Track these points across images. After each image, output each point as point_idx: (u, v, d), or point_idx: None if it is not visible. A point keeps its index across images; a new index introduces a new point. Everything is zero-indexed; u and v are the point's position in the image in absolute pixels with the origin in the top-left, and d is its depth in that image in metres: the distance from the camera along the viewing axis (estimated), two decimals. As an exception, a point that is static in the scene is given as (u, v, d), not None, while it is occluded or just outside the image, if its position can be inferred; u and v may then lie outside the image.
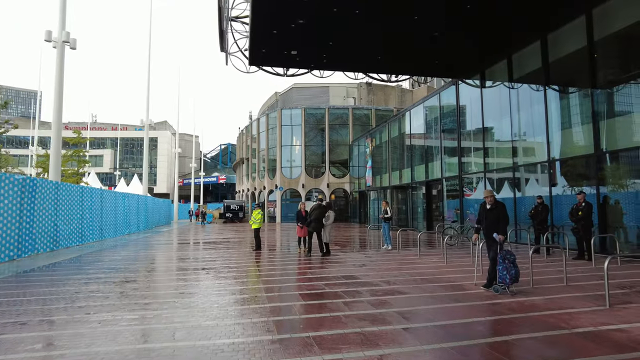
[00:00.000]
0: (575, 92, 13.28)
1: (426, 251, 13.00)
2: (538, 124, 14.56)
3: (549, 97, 13.81)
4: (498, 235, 6.74)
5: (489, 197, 7.08)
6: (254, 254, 12.67)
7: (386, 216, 14.17)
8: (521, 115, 15.46)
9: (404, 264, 10.23)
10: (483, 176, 17.15)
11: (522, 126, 15.45)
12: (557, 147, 13.55)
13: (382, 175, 29.11)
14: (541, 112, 14.12)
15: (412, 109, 24.11)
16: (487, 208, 7.10)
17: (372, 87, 41.72)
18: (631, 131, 11.12)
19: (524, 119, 15.40)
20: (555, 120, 13.74)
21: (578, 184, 12.79)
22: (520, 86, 15.48)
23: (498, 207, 6.98)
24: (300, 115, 37.29)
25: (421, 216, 22.71)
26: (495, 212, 6.94)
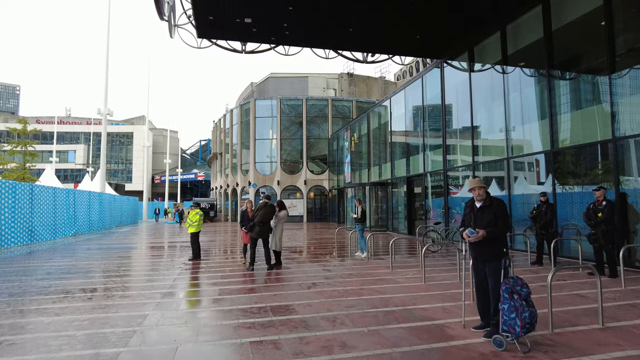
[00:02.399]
0: (586, 69, 10.89)
1: (402, 261, 10.48)
2: (538, 108, 12.16)
3: (554, 77, 11.39)
4: (476, 232, 4.41)
5: (478, 188, 4.63)
6: (184, 265, 10.01)
7: (355, 216, 11.75)
8: (517, 100, 13.05)
9: (369, 282, 7.67)
10: (472, 171, 14.71)
11: (518, 112, 13.04)
12: (564, 134, 11.14)
13: (362, 171, 26.61)
14: (543, 94, 11.72)
15: (393, 96, 21.62)
16: (476, 207, 4.67)
17: (354, 79, 39.24)
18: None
19: (520, 104, 13.00)
20: (560, 103, 11.32)
21: (590, 179, 10.39)
22: (515, 68, 13.06)
23: (494, 205, 4.54)
24: (275, 106, 34.58)
25: (402, 216, 20.26)
26: (488, 213, 4.52)
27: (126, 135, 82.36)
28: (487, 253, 4.45)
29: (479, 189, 4.61)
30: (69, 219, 21.16)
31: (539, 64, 11.99)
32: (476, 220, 4.56)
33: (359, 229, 11.85)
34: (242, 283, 7.71)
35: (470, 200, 4.77)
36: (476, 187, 4.62)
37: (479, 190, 4.60)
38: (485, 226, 4.42)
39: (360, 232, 11.83)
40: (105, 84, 29.06)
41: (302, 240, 17.56)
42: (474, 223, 4.56)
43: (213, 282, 7.89)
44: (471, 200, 4.75)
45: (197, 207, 11.57)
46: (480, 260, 4.56)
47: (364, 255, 11.25)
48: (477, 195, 4.61)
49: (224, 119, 40.89)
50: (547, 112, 11.41)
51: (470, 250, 4.69)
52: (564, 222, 10.81)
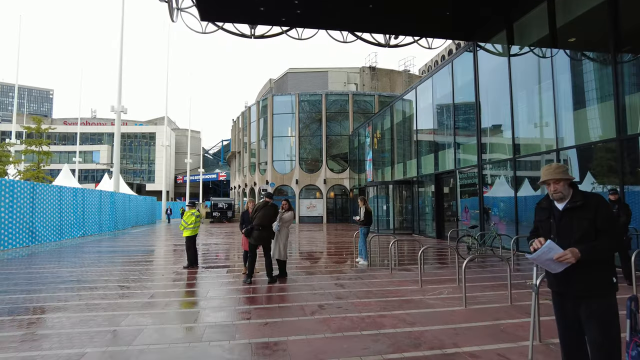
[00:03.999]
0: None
1: (433, 273, 8.69)
2: (597, 91, 10.13)
3: (621, 51, 9.35)
4: (557, 249, 2.65)
5: (554, 182, 2.81)
6: (174, 275, 8.54)
7: (356, 218, 10.23)
8: (567, 84, 11.02)
9: (392, 304, 5.96)
10: (513, 164, 12.71)
11: (569, 98, 11.01)
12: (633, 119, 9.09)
13: (384, 169, 24.75)
14: (605, 74, 9.70)
15: (419, 85, 19.70)
16: (557, 209, 2.87)
17: (376, 72, 37.34)
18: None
19: (572, 88, 10.97)
20: (631, 83, 9.27)
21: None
22: (566, 46, 11.03)
23: (591, 206, 2.71)
24: (294, 102, 33.08)
25: (430, 217, 18.33)
26: (581, 218, 2.71)
27: (148, 136, 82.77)
28: (584, 286, 2.68)
29: (555, 183, 2.80)
30: (77, 220, 20.22)
31: (600, 39, 9.94)
32: (560, 232, 2.78)
33: (363, 232, 10.32)
34: (231, 303, 6.13)
35: (546, 198, 3.01)
36: (550, 179, 2.81)
37: (554, 185, 2.80)
38: (577, 241, 2.66)
39: (363, 236, 10.30)
40: (119, 82, 28.26)
41: (318, 244, 15.93)
42: (555, 236, 2.81)
43: (195, 302, 6.35)
44: (548, 199, 2.99)
45: (193, 206, 10.10)
46: (569, 297, 2.78)
47: (365, 264, 9.87)
48: (554, 192, 2.82)
49: (242, 117, 39.72)
50: (612, 95, 9.36)
51: (548, 281, 2.94)
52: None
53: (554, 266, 2.65)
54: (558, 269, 2.66)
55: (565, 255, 2.56)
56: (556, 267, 2.66)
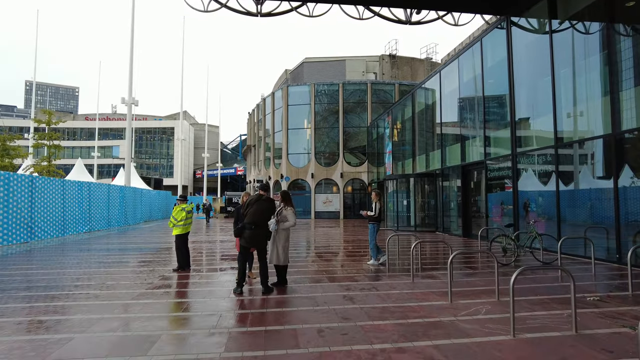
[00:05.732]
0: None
1: (464, 282, 7.19)
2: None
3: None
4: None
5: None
6: (159, 280, 7.30)
7: (370, 213, 8.86)
8: (622, 56, 9.27)
9: (415, 331, 4.54)
10: (554, 152, 11.00)
11: (628, 72, 9.26)
12: None
13: (405, 161, 23.12)
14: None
15: (444, 68, 17.98)
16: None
17: (397, 60, 35.54)
18: None
19: (627, 61, 9.21)
20: None
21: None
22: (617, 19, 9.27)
23: None
24: (309, 93, 31.64)
25: (455, 214, 16.69)
26: None
27: (168, 131, 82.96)
28: None
29: None
30: (82, 215, 19.41)
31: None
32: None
33: (373, 229, 9.09)
34: (207, 324, 4.81)
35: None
36: None
37: None
38: None
39: (373, 234, 9.07)
40: (129, 73, 27.46)
41: (331, 242, 14.55)
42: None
43: (161, 322, 5.06)
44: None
45: (184, 201, 8.85)
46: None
47: (378, 263, 8.96)
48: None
49: (257, 109, 38.58)
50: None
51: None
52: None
53: None
54: None
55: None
56: None
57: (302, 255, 11.05)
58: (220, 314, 5.22)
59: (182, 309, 5.57)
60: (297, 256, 10.81)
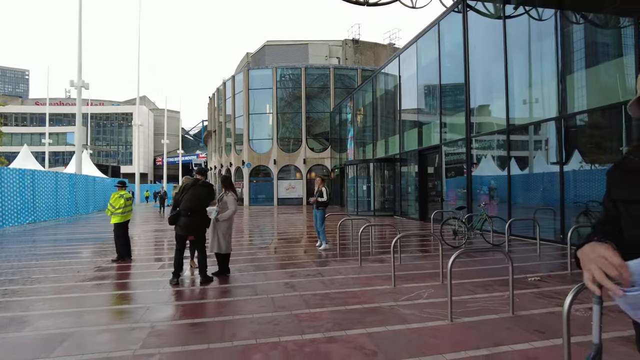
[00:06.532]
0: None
1: (412, 266, 7.10)
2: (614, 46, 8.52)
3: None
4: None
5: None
6: (92, 272, 6.78)
7: (320, 199, 8.68)
8: (571, 43, 9.39)
9: (354, 318, 4.34)
10: (506, 137, 11.13)
11: (576, 57, 9.39)
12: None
13: (366, 147, 23.08)
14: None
15: (403, 52, 17.86)
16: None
17: (360, 46, 35.28)
18: None
19: (576, 48, 9.35)
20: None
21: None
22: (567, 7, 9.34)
23: None
24: (271, 77, 30.90)
25: (412, 198, 16.79)
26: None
27: (126, 117, 79.48)
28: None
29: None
30: (24, 205, 18.15)
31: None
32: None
33: (321, 215, 9.12)
34: (132, 318, 4.43)
35: (622, 162, 1.30)
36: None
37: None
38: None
39: (321, 219, 9.10)
40: (78, 54, 25.76)
41: (290, 228, 14.29)
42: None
43: (89, 315, 4.63)
44: (621, 164, 1.30)
45: (123, 187, 8.28)
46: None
47: (323, 247, 8.94)
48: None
49: (217, 94, 37.41)
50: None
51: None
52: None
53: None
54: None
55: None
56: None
57: (254, 242, 10.74)
58: (148, 306, 4.84)
59: (109, 303, 5.15)
60: (248, 243, 10.48)
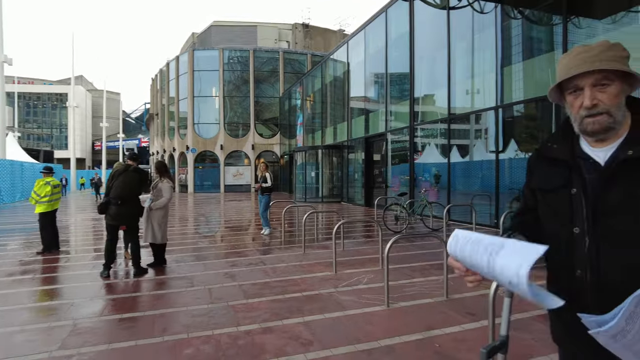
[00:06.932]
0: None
1: (354, 251, 7.17)
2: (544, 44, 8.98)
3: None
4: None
5: (606, 80, 1.05)
6: (17, 265, 6.20)
7: (265, 185, 8.59)
8: (507, 37, 9.81)
9: (288, 305, 4.29)
10: (447, 126, 11.52)
11: (513, 51, 9.83)
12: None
13: (315, 133, 23.06)
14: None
15: (352, 39, 17.88)
16: (594, 162, 1.12)
17: (310, 30, 34.95)
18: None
19: (514, 42, 9.78)
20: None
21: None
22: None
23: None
24: (218, 58, 29.82)
25: (359, 184, 17.05)
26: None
27: (61, 98, 73.70)
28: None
29: (598, 86, 1.06)
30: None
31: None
32: (603, 219, 1.07)
33: (266, 201, 9.06)
34: (52, 319, 4.08)
35: (558, 137, 1.24)
36: (587, 77, 1.06)
37: (594, 91, 1.07)
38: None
39: (265, 205, 9.07)
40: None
41: (235, 216, 14.00)
42: (587, 230, 1.10)
43: (5, 315, 4.21)
44: (563, 140, 1.22)
45: (49, 173, 7.63)
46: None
47: (268, 233, 9.04)
48: (590, 111, 1.08)
49: (160, 75, 35.59)
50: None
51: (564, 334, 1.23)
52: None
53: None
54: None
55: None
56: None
57: (196, 231, 10.39)
58: (73, 302, 4.49)
59: (30, 300, 4.72)
60: (190, 232, 10.13)
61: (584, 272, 1.10)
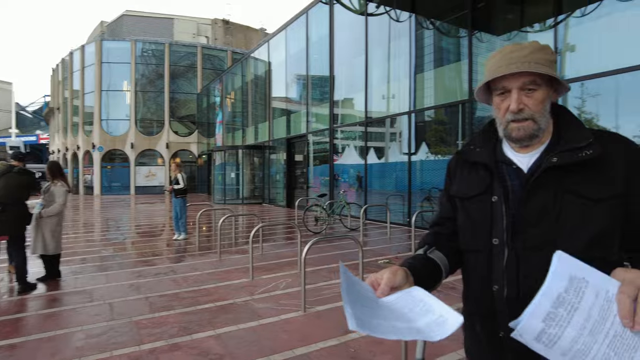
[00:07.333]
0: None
1: (273, 256, 7.02)
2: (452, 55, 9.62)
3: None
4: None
5: (533, 85, 1.00)
6: None
7: (177, 187, 8.26)
8: (421, 45, 10.38)
9: (199, 316, 4.03)
10: (364, 129, 11.87)
11: (425, 59, 10.40)
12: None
13: (236, 133, 22.48)
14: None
15: (273, 38, 17.70)
16: (517, 169, 1.06)
17: (231, 27, 34.03)
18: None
19: (426, 50, 10.36)
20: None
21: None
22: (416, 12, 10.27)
23: (628, 160, 0.97)
24: (129, 50, 27.73)
25: (281, 186, 16.93)
26: (599, 193, 0.94)
27: None
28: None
29: (525, 90, 1.01)
30: None
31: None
32: (525, 228, 1.00)
33: (180, 204, 8.64)
34: None
35: (480, 140, 1.17)
36: (514, 80, 1.00)
37: (522, 95, 1.01)
38: (584, 250, 0.91)
39: (184, 208, 8.68)
40: None
41: (146, 220, 13.07)
42: (507, 240, 1.03)
43: None
44: (484, 143, 1.15)
45: None
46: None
47: (182, 237, 8.57)
48: (515, 116, 1.02)
49: (62, 65, 32.16)
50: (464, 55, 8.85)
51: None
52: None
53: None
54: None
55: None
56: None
57: (99, 238, 9.49)
58: None
59: None
60: (92, 239, 9.23)
61: (501, 287, 1.03)
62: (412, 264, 1.06)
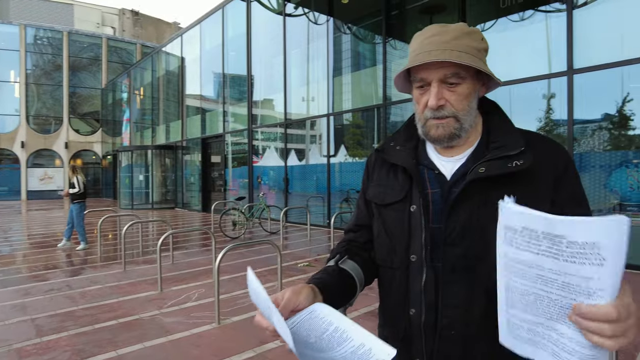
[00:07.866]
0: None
1: (185, 264, 6.60)
2: (368, 60, 9.91)
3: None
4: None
5: (458, 78, 0.87)
6: None
7: (73, 191, 7.56)
8: (340, 49, 10.58)
9: (98, 337, 3.58)
10: (284, 130, 11.77)
11: (346, 62, 10.60)
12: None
13: (145, 132, 21.01)
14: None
15: (186, 33, 16.83)
16: (439, 174, 0.95)
17: (140, 19, 31.81)
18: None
19: (347, 53, 10.58)
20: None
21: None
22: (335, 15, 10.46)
23: (555, 164, 0.88)
24: (17, 35, 24.50)
25: (196, 189, 16.14)
26: (527, 198, 0.72)
27: None
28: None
29: (447, 83, 0.88)
30: None
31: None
32: (445, 238, 0.89)
33: (81, 209, 8.05)
34: None
35: (398, 139, 1.04)
36: (436, 70, 0.87)
37: (444, 88, 0.88)
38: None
39: (81, 214, 8.06)
40: None
41: (41, 229, 11.60)
42: (428, 248, 0.90)
43: None
44: (403, 141, 1.03)
45: None
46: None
47: (85, 246, 7.80)
48: (435, 112, 0.89)
49: None
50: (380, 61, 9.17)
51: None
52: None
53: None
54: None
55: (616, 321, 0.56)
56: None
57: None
58: None
59: None
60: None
61: (418, 312, 0.91)
62: (321, 278, 0.91)
